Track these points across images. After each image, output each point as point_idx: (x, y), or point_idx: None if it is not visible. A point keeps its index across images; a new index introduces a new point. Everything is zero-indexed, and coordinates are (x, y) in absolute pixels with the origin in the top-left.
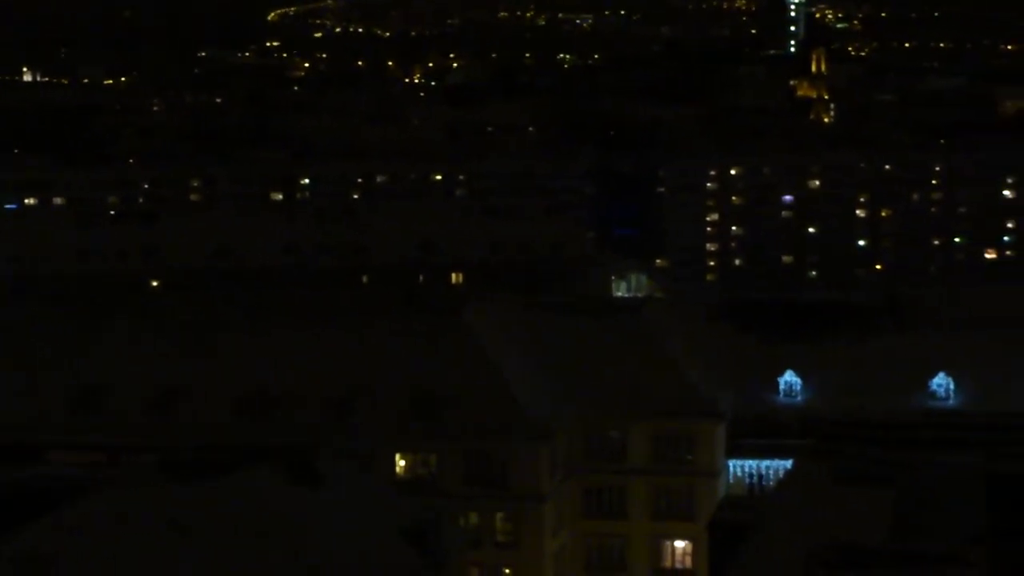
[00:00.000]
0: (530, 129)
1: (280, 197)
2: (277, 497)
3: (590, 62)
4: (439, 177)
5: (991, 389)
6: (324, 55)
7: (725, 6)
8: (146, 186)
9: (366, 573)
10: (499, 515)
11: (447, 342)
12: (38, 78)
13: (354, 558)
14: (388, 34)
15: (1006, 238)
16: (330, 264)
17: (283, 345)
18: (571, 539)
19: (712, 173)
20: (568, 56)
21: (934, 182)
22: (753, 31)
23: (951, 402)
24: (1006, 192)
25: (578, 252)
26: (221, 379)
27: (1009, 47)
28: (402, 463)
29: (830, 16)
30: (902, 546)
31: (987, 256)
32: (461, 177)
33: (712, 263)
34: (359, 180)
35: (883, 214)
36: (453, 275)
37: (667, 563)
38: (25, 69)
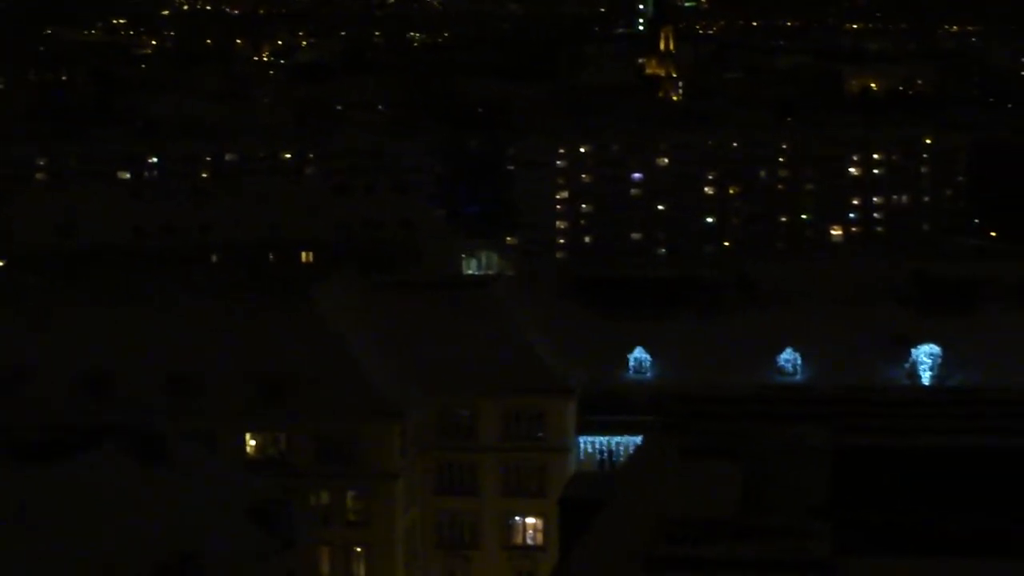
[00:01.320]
0: (379, 107)
1: (127, 176)
2: (123, 477)
3: (439, 40)
4: (288, 156)
5: (837, 364)
6: (171, 33)
7: None
8: None
9: (215, 553)
10: (350, 494)
11: (296, 321)
12: None
13: (202, 538)
14: (236, 12)
15: (852, 215)
16: (177, 243)
17: (128, 324)
18: (422, 516)
19: (561, 151)
20: (417, 34)
21: (781, 159)
22: (602, 9)
23: (798, 377)
24: (852, 170)
25: (427, 230)
26: (65, 359)
27: (855, 25)
28: (252, 442)
29: None
30: (749, 519)
31: (833, 233)
32: (310, 156)
33: (561, 240)
34: (207, 159)
35: (731, 191)
36: (302, 254)
37: (518, 539)
38: None
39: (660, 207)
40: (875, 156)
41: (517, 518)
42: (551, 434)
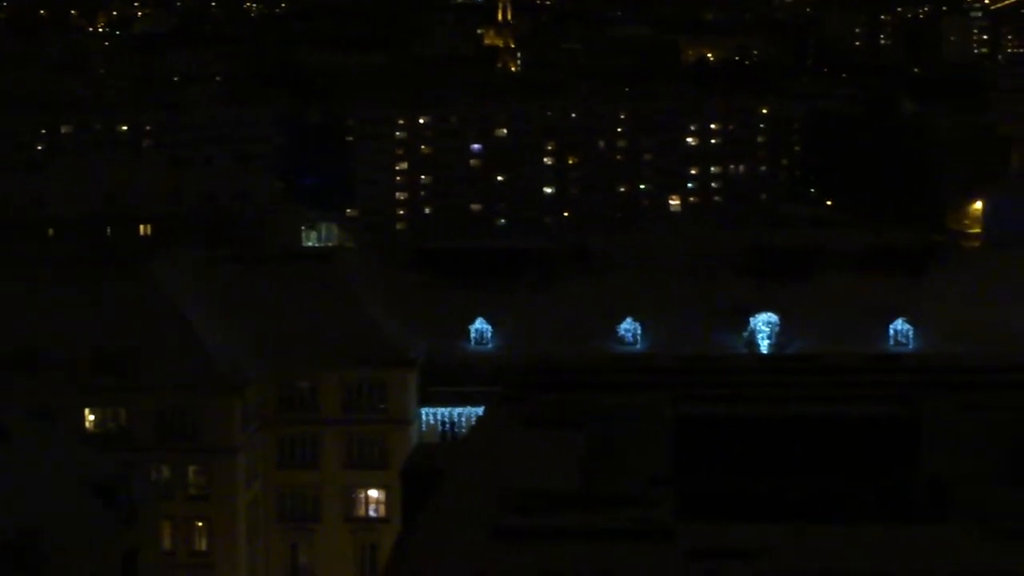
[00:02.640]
0: (217, 79)
1: None
2: None
3: (277, 10)
4: (125, 128)
5: (677, 333)
6: (4, 3)
7: None
8: None
9: (56, 529)
10: (191, 468)
11: (135, 295)
12: None
13: (42, 514)
14: None
15: (690, 185)
16: (13, 216)
17: None
18: (264, 490)
19: (400, 122)
20: (255, 5)
21: (619, 130)
22: None
23: (638, 346)
24: (689, 140)
25: (267, 203)
26: None
27: None
28: (91, 417)
29: None
30: (592, 488)
31: (671, 202)
32: (147, 128)
33: (401, 212)
34: (43, 131)
35: (570, 162)
36: (140, 227)
37: (361, 512)
38: None
39: (499, 178)
40: (712, 126)
41: (359, 490)
42: (393, 406)
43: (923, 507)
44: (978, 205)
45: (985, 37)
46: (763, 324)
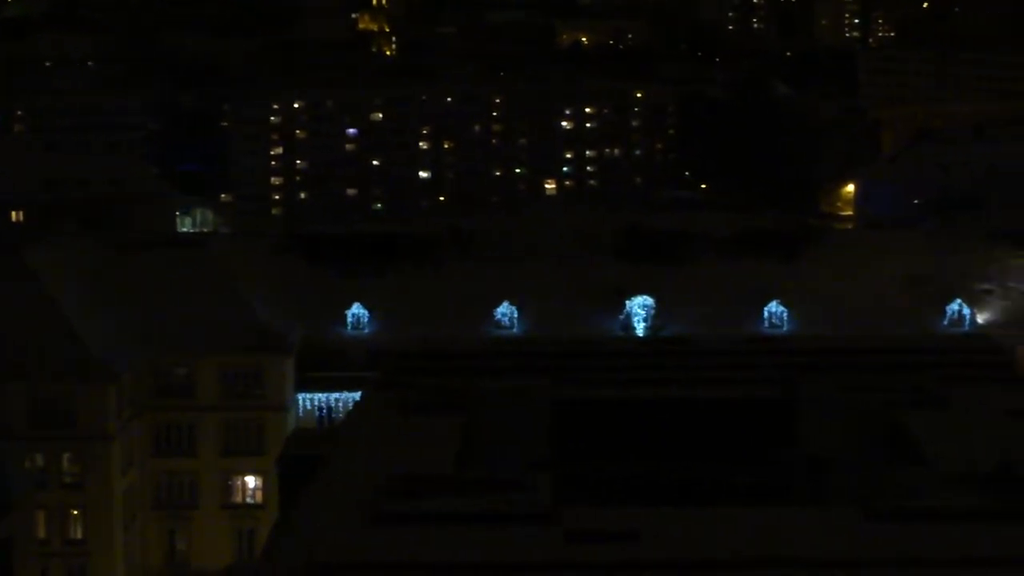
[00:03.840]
0: (89, 64)
1: None
2: None
3: None
4: None
5: (554, 317)
6: None
7: None
8: None
9: None
10: (65, 456)
11: (7, 283)
12: None
13: None
14: None
15: (565, 169)
16: None
17: None
18: (140, 478)
19: (275, 107)
20: None
21: (495, 114)
22: None
23: (515, 330)
24: (565, 124)
25: (141, 188)
26: None
27: None
28: None
29: None
30: (470, 473)
31: (547, 186)
32: (19, 112)
33: (277, 197)
34: None
35: (445, 146)
36: (13, 213)
37: (238, 498)
38: None
39: (375, 162)
40: (587, 110)
41: (236, 477)
42: (269, 392)
43: (802, 488)
44: (850, 188)
45: (856, 21)
46: (639, 307)
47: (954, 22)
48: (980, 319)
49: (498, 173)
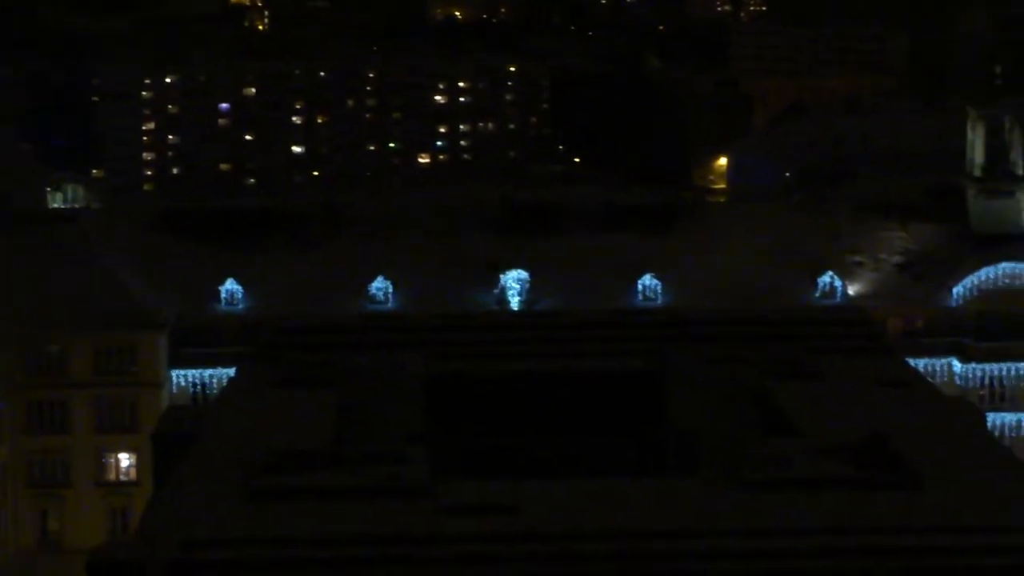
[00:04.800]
0: None
1: None
2: None
3: None
4: None
5: (428, 291)
6: None
7: None
8: None
9: None
10: None
11: None
12: None
13: None
14: None
15: (439, 143)
16: None
17: None
18: (13, 455)
19: (147, 82)
20: None
21: (368, 88)
22: None
23: (390, 305)
24: (438, 98)
25: (11, 164)
26: None
27: None
28: None
29: None
30: (345, 447)
31: (421, 161)
32: None
33: (149, 172)
34: None
35: (319, 120)
36: None
37: (111, 476)
38: None
39: (248, 137)
40: (460, 84)
41: (110, 455)
42: (143, 369)
43: (673, 459)
44: (722, 161)
45: None
46: (513, 281)
47: None
48: (851, 291)
49: (372, 148)
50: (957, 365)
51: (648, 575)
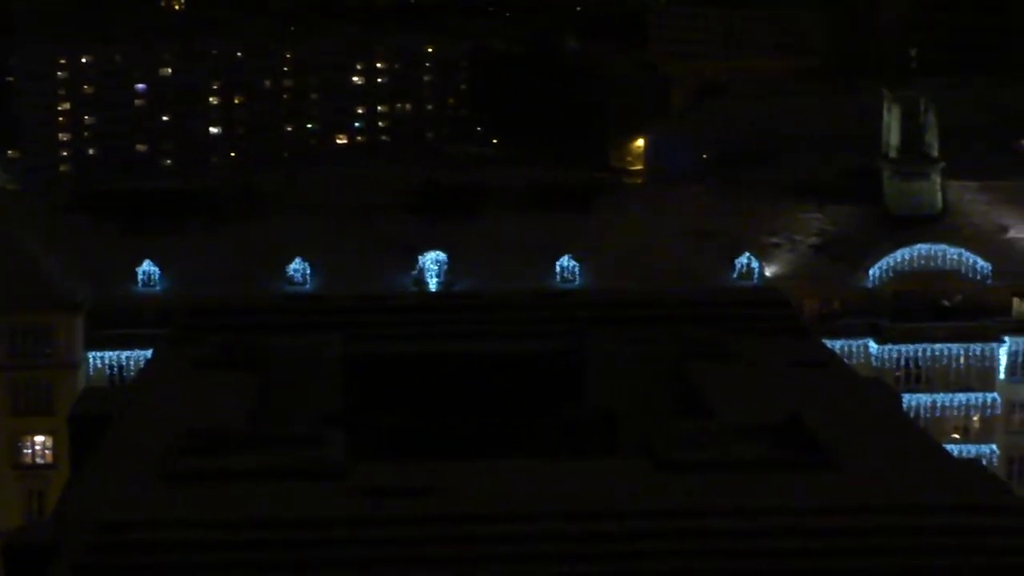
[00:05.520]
0: None
1: None
2: None
3: None
4: None
5: (346, 272)
6: None
7: None
8: None
9: None
10: None
11: None
12: None
13: None
14: None
15: (357, 124)
16: None
17: None
18: None
19: (63, 62)
20: None
21: (286, 69)
22: None
23: (308, 286)
24: (356, 79)
25: None
26: None
27: None
28: None
29: None
30: (263, 429)
31: (339, 141)
32: None
33: (65, 153)
34: None
35: (236, 101)
36: None
37: (27, 459)
38: None
39: (165, 118)
40: (378, 65)
41: (26, 437)
42: (59, 351)
43: (592, 440)
44: (640, 143)
45: None
46: (432, 262)
47: None
48: (768, 272)
49: (289, 128)
50: (873, 346)
51: (563, 556)
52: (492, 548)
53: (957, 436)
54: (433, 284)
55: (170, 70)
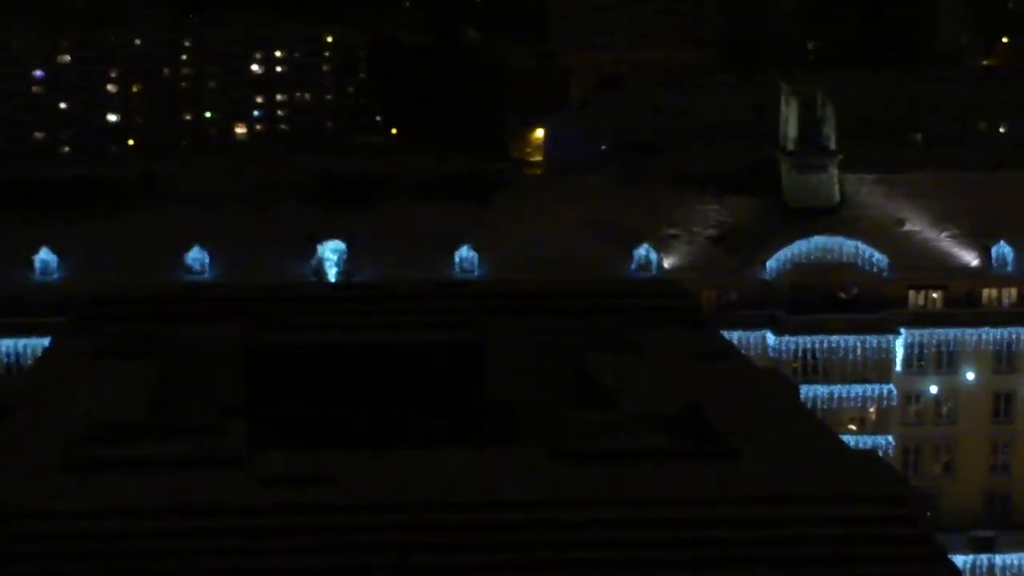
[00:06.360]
0: None
1: None
2: None
3: None
4: None
5: (246, 262)
6: None
7: None
8: None
9: None
10: None
11: None
12: None
13: None
14: None
15: (256, 113)
16: None
17: None
18: None
19: None
20: None
21: (184, 57)
22: None
23: (207, 275)
24: (255, 68)
25: None
26: None
27: None
28: None
29: None
30: (163, 419)
31: (237, 130)
32: None
33: None
34: None
35: (134, 89)
36: None
37: None
38: None
39: (63, 105)
40: (277, 53)
41: None
42: None
43: (491, 430)
44: (539, 134)
45: None
46: (331, 252)
47: None
48: (667, 263)
49: (188, 117)
50: (771, 338)
51: (460, 547)
52: (386, 536)
53: (853, 427)
54: (333, 274)
55: (68, 57)
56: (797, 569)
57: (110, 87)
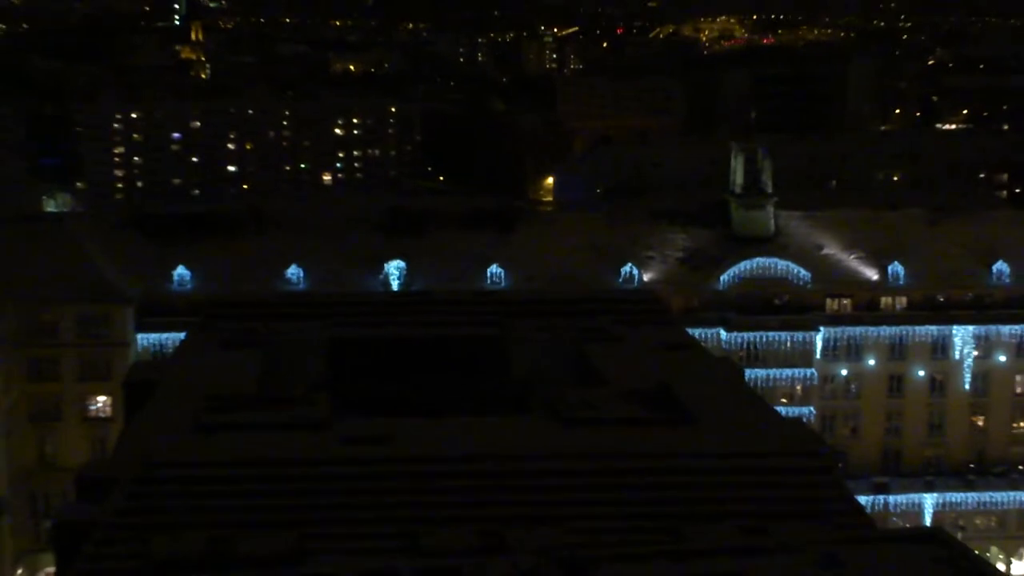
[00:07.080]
0: None
1: None
2: None
3: (20, 29)
4: None
5: (331, 276)
6: None
7: None
8: None
9: None
10: None
11: None
12: None
13: None
14: None
15: (338, 164)
16: None
17: None
18: (19, 397)
19: (118, 116)
20: (3, 25)
21: (284, 123)
22: (147, 7)
23: (302, 286)
24: (337, 131)
25: (12, 178)
26: None
27: (338, 22)
28: None
29: None
30: (269, 393)
31: (324, 178)
32: None
33: (120, 185)
34: None
35: (248, 147)
36: None
37: (93, 413)
38: None
39: (194, 159)
40: (354, 120)
41: (91, 397)
42: (115, 333)
43: (512, 403)
44: (550, 180)
45: (554, 55)
46: (394, 269)
47: (624, 58)
48: (645, 278)
49: (288, 168)
50: (723, 333)
51: (496, 488)
52: (438, 482)
53: (785, 401)
54: (395, 286)
55: (198, 123)
56: (742, 505)
57: (229, 145)
